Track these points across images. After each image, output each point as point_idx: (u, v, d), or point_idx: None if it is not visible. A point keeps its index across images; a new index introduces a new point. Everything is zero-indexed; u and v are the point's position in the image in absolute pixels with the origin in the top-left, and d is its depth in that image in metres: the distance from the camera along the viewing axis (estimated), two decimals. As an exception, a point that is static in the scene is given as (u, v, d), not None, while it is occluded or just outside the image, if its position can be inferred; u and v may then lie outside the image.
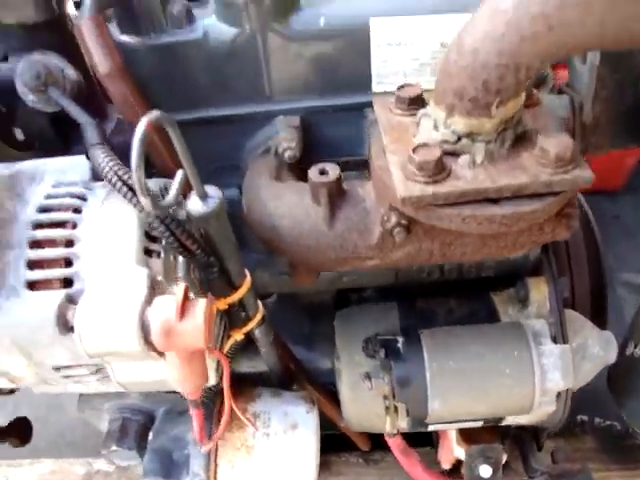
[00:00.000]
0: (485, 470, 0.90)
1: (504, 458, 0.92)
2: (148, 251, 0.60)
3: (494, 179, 0.55)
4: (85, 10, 0.65)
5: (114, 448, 0.88)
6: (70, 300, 0.56)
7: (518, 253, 0.71)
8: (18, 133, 0.77)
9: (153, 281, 0.57)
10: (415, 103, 0.64)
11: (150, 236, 0.60)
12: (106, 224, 0.59)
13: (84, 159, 0.64)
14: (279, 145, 0.73)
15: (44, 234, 0.58)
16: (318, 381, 0.94)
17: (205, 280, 0.64)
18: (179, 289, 0.54)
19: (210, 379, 0.68)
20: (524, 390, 0.73)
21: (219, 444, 0.85)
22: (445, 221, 0.57)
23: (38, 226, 0.59)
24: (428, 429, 0.84)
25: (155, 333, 0.53)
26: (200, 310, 0.54)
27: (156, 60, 0.73)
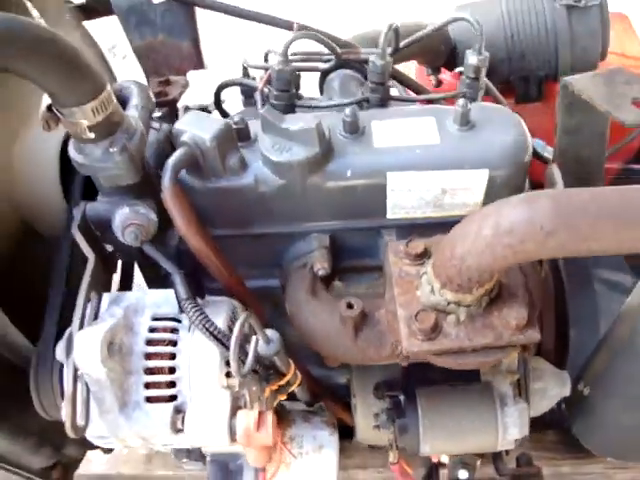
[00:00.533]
0: (463, 474, 1.20)
1: (478, 464, 1.22)
2: (228, 373, 0.84)
3: (471, 338, 0.79)
4: (166, 180, 0.84)
5: (185, 460, 1.17)
6: (177, 411, 0.82)
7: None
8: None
9: (233, 396, 0.83)
10: (420, 257, 0.85)
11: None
12: (197, 356, 0.83)
13: (173, 293, 0.87)
14: (314, 264, 0.95)
15: (154, 364, 0.83)
16: (335, 394, 1.22)
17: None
18: (255, 410, 0.80)
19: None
20: (490, 440, 1.01)
21: (266, 461, 1.15)
22: (436, 361, 0.82)
23: (148, 356, 0.83)
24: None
25: (239, 437, 0.80)
26: (269, 423, 0.80)
27: (216, 198, 0.93)
